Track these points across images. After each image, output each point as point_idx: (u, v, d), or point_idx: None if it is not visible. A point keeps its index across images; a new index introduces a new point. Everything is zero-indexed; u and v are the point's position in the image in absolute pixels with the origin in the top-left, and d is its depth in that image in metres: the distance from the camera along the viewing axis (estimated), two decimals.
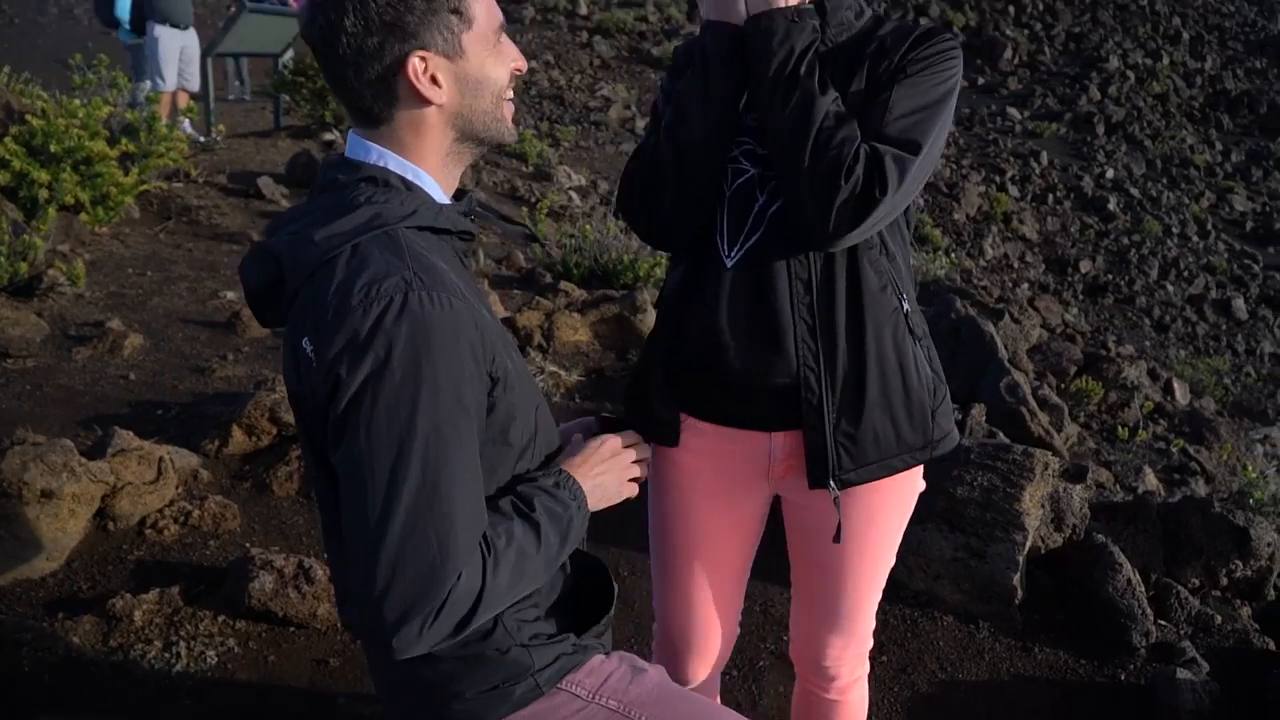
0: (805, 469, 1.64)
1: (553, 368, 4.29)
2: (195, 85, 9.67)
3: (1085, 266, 18.61)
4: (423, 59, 1.34)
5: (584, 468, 1.52)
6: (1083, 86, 24.55)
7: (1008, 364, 4.83)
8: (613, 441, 1.59)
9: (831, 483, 1.61)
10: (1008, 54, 25.42)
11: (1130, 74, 25.27)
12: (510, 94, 1.48)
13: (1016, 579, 3.00)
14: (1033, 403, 4.60)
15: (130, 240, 6.47)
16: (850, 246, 1.58)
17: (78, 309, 5.09)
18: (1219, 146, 24.01)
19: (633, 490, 1.60)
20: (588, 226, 6.87)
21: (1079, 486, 3.32)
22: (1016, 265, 17.98)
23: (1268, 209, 21.97)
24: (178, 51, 9.28)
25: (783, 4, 1.53)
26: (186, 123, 9.34)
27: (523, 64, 1.48)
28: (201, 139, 9.18)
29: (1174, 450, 7.05)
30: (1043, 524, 3.20)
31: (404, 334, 1.22)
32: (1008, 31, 26.29)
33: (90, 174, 6.26)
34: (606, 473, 1.55)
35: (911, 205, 1.71)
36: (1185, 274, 18.86)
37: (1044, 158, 21.31)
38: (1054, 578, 3.17)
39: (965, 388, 4.72)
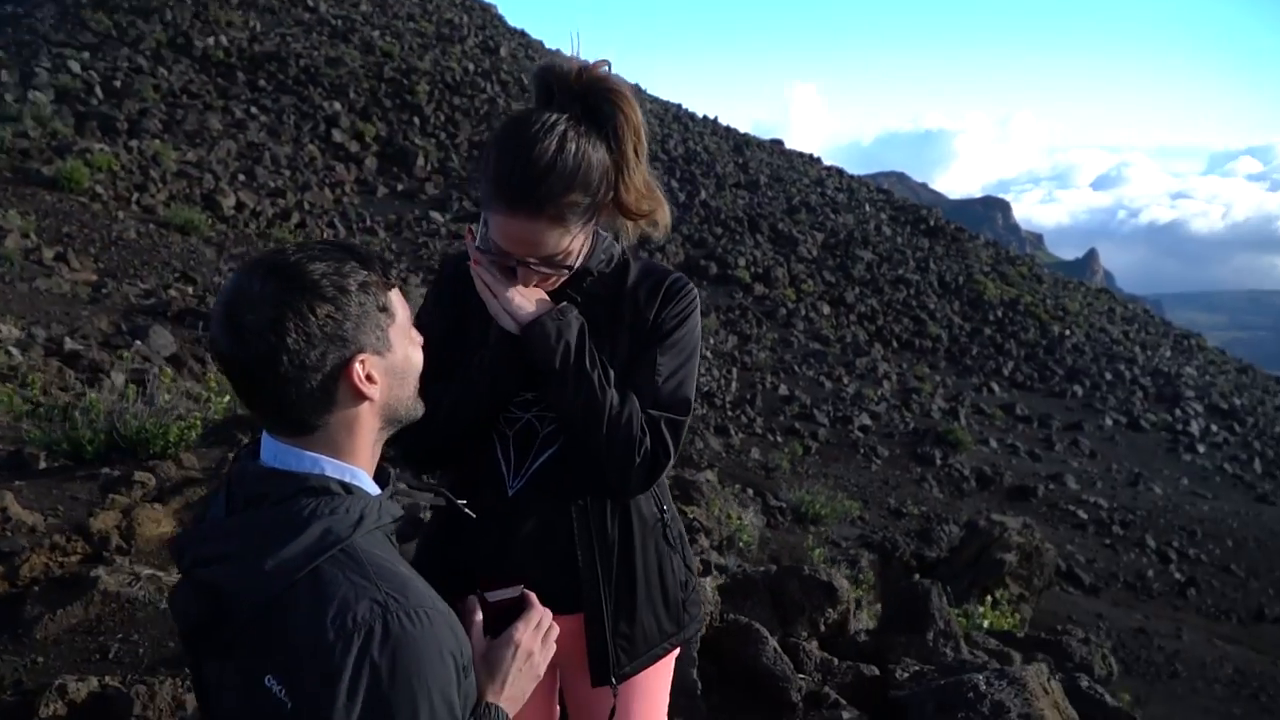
0: (587, 666, 1.85)
1: (147, 570, 3.80)
2: None
3: None
4: (362, 361, 1.33)
5: (499, 688, 1.51)
6: None
7: None
8: (525, 642, 1.56)
9: (612, 679, 1.85)
10: (420, 162, 27.04)
11: None
12: None
13: (695, 672, 3.41)
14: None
15: None
16: None
17: None
18: None
19: (542, 672, 1.62)
20: (93, 395, 6.07)
21: (708, 578, 3.85)
22: None
23: None
24: None
25: (529, 310, 1.70)
26: None
27: (421, 338, 1.52)
28: None
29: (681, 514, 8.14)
30: None
31: (390, 663, 1.19)
32: (417, 141, 27.97)
33: None
34: (521, 676, 1.55)
35: None
36: None
37: None
38: (713, 661, 3.64)
39: None
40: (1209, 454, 26.72)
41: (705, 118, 44.58)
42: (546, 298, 1.75)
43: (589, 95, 1.68)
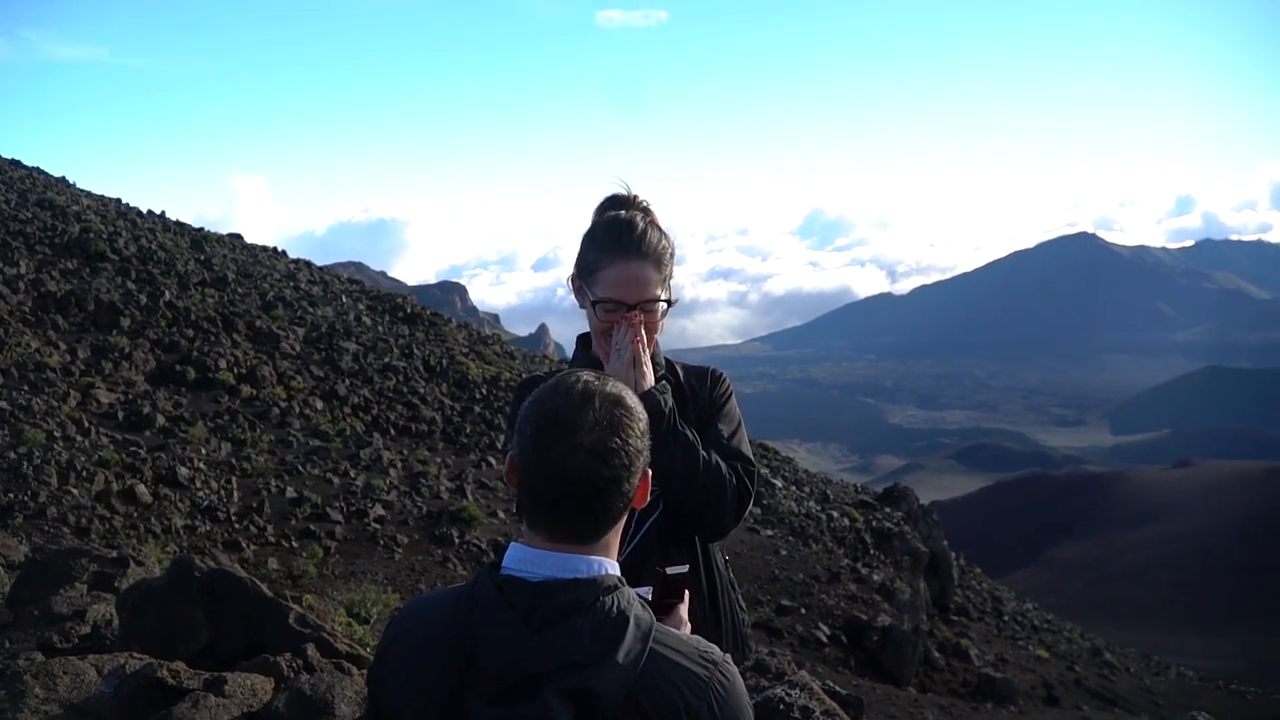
0: None
1: None
2: None
3: None
4: (648, 471, 1.56)
5: None
6: None
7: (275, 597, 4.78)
8: (687, 619, 1.89)
9: None
10: None
11: None
12: None
13: None
14: (320, 620, 4.75)
15: None
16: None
17: None
18: (64, 346, 24.61)
19: None
20: None
21: None
22: None
23: (130, 396, 23.45)
24: None
25: (650, 383, 2.22)
26: None
27: None
28: None
29: None
30: None
31: (733, 704, 1.46)
32: None
33: None
34: None
35: None
36: (85, 474, 18.95)
37: None
38: None
39: (252, 640, 4.38)
40: None
41: (151, 212, 41.41)
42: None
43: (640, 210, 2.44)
